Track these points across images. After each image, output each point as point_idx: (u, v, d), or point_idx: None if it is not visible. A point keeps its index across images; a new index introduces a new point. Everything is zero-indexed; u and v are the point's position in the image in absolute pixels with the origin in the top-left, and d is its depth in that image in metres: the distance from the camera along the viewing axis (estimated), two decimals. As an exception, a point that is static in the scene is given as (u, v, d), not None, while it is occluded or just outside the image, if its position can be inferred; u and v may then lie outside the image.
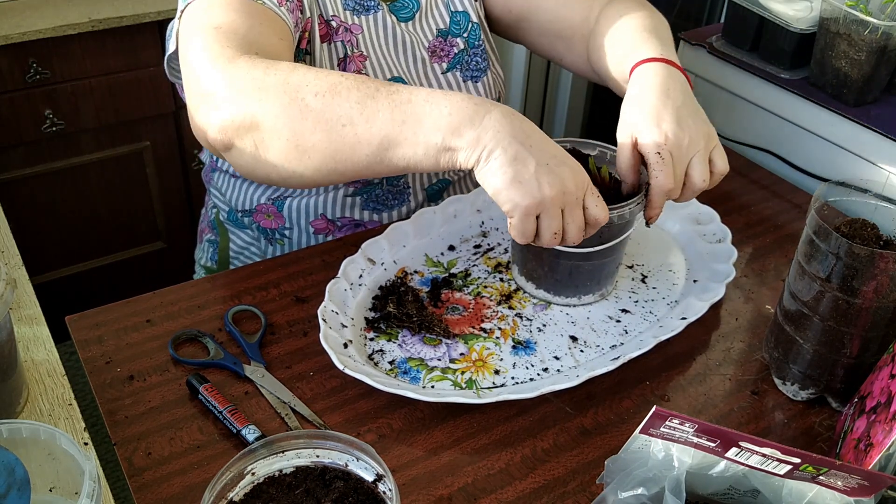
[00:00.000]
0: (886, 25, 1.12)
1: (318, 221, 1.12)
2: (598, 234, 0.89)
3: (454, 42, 1.11)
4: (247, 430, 0.78)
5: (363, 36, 1.05)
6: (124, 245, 2.16)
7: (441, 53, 1.11)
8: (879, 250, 0.75)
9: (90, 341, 0.90)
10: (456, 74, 1.12)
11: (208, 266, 1.27)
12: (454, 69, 1.12)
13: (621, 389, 0.87)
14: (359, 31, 1.05)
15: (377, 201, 1.12)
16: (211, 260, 1.26)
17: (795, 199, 1.21)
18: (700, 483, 0.69)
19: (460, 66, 1.12)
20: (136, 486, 0.75)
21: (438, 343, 0.90)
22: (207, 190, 1.25)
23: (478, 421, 0.83)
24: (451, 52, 1.12)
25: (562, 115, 2.20)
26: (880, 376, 0.76)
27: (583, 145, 1.00)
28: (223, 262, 1.25)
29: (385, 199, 1.12)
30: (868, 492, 0.63)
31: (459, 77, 1.12)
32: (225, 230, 1.23)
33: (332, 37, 1.03)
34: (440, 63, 1.11)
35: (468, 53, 1.12)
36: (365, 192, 1.10)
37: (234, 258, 1.24)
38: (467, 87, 1.13)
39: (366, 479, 0.67)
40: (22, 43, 1.74)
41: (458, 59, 1.12)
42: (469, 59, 1.12)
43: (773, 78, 1.28)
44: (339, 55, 1.04)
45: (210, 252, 1.26)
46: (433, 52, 1.10)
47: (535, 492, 0.76)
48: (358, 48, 1.05)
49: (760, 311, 0.99)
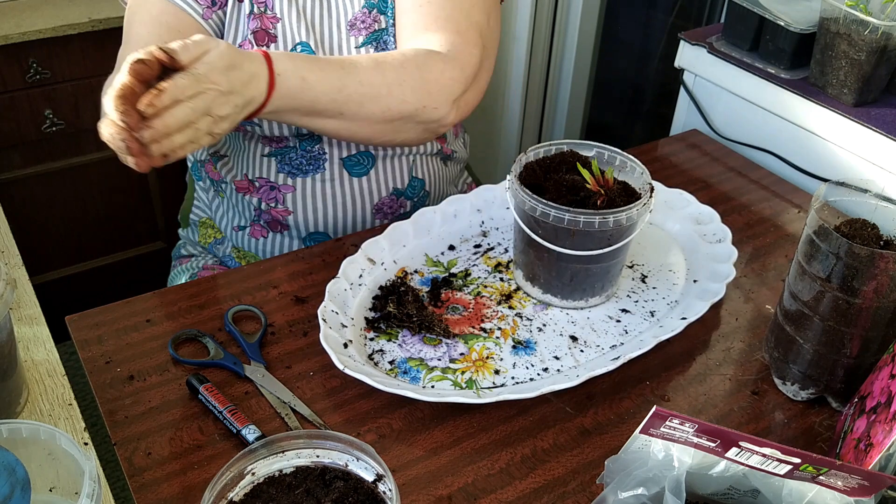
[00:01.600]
0: (886, 25, 1.12)
1: (240, 181, 1.15)
2: (607, 237, 0.89)
3: (378, 18, 1.10)
4: (247, 430, 0.78)
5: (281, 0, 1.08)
6: (124, 245, 2.16)
7: (361, 26, 1.09)
8: (879, 250, 0.75)
9: (90, 341, 0.90)
10: (370, 49, 1.10)
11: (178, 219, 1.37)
12: (369, 45, 1.10)
13: (621, 389, 0.87)
14: None
15: (291, 165, 1.12)
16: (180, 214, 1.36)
17: (795, 199, 1.21)
18: (700, 483, 0.69)
19: (376, 43, 1.10)
20: (136, 486, 0.75)
21: (438, 343, 0.90)
22: None
23: (478, 421, 0.83)
24: (372, 27, 1.10)
25: (562, 115, 2.20)
26: (880, 376, 0.76)
27: (581, 147, 1.00)
28: (185, 215, 1.33)
29: (299, 163, 1.12)
30: (868, 492, 0.63)
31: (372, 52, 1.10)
32: (192, 181, 1.30)
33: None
34: (357, 36, 1.10)
35: (388, 33, 1.10)
36: (279, 154, 1.12)
37: (194, 210, 1.30)
38: None
39: (366, 479, 0.67)
40: (22, 43, 1.74)
41: (376, 35, 1.10)
42: (388, 38, 1.10)
43: (773, 78, 1.28)
44: (246, 12, 1.07)
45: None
46: (353, 25, 1.09)
47: (535, 492, 0.76)
48: (273, 10, 1.07)
49: (760, 311, 0.99)
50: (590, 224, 0.88)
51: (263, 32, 1.07)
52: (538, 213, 0.89)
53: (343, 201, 1.14)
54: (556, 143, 1.00)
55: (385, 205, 1.17)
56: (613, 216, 0.88)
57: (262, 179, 1.14)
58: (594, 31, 2.10)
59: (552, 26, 2.07)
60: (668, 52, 1.59)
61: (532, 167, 0.97)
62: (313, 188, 1.13)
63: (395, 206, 1.18)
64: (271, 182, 1.13)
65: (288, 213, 1.14)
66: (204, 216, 1.28)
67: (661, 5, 2.18)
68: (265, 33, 1.07)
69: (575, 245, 0.90)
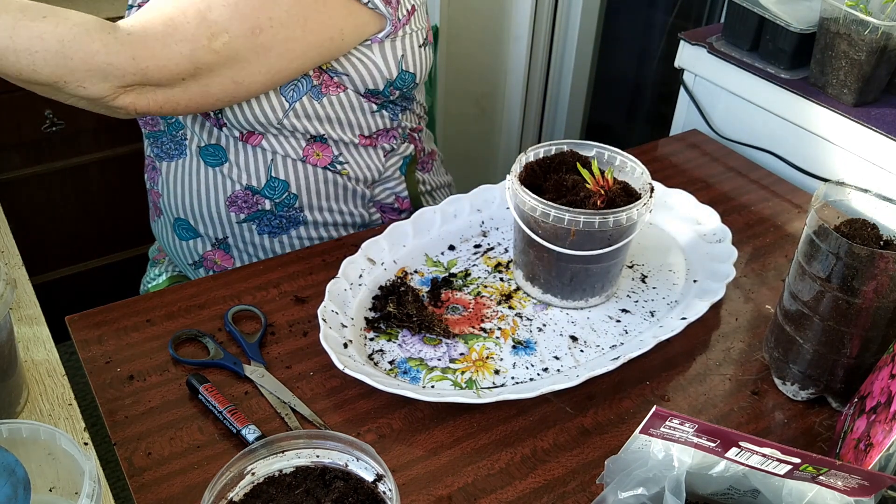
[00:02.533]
0: (886, 25, 1.12)
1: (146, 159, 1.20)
2: (607, 237, 0.89)
3: None
4: (247, 430, 0.78)
5: None
6: (124, 245, 2.16)
7: None
8: (879, 250, 0.75)
9: (90, 341, 0.90)
10: None
11: None
12: None
13: (621, 389, 0.87)
14: None
15: (161, 148, 1.14)
16: None
17: (795, 199, 1.21)
18: (700, 483, 0.69)
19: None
20: (136, 486, 0.75)
21: (438, 343, 0.90)
22: None
23: (478, 421, 0.83)
24: None
25: (562, 115, 2.20)
26: (880, 376, 0.76)
27: (580, 147, 1.00)
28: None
29: (168, 147, 1.14)
30: (868, 492, 0.63)
31: None
32: None
33: None
34: None
35: None
36: (152, 137, 1.15)
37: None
38: None
39: (366, 479, 0.67)
40: (22, 43, 1.73)
41: None
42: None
43: (773, 78, 1.28)
44: None
45: None
46: None
47: (535, 492, 0.76)
48: None
49: (760, 311, 0.99)
50: (590, 224, 0.88)
51: None
52: (538, 213, 0.89)
53: (199, 189, 1.14)
54: (556, 143, 1.00)
55: (239, 198, 1.12)
56: (613, 216, 0.88)
57: (149, 158, 1.18)
58: (594, 31, 2.10)
59: (552, 26, 2.07)
60: (668, 52, 1.59)
61: (532, 167, 0.97)
62: (175, 173, 1.15)
63: (250, 201, 1.13)
64: (151, 163, 1.18)
65: (159, 195, 1.18)
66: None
67: (661, 5, 2.18)
68: None
69: (575, 245, 0.90)
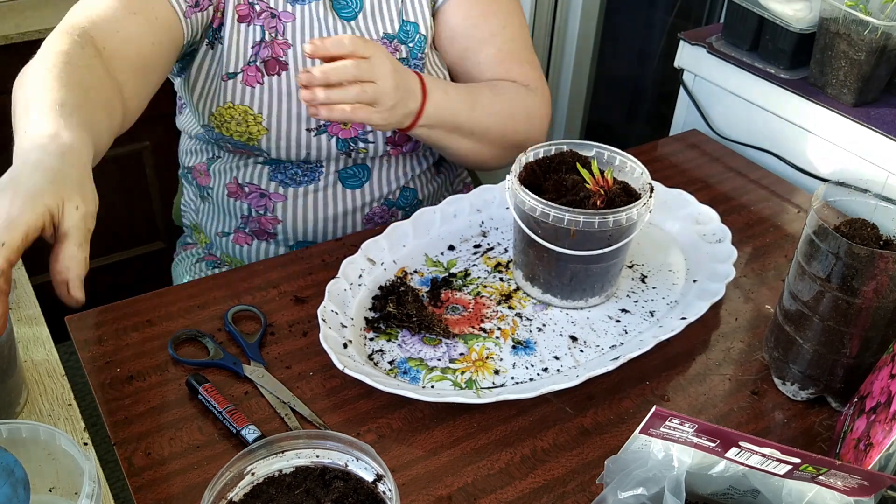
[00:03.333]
0: (886, 25, 1.12)
1: (231, 185, 1.15)
2: (606, 237, 0.89)
3: (398, 47, 1.10)
4: (247, 430, 0.78)
5: (294, 24, 1.06)
6: (124, 245, 2.16)
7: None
8: (879, 250, 0.75)
9: (90, 341, 0.90)
10: None
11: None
12: None
13: (621, 389, 0.87)
14: (290, 18, 1.06)
15: (285, 175, 1.13)
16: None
17: (795, 199, 1.21)
18: (700, 483, 0.69)
19: None
20: (136, 486, 0.75)
21: (438, 343, 0.90)
22: None
23: (478, 421, 0.83)
24: (395, 55, 1.10)
25: (562, 115, 2.21)
26: (880, 376, 0.76)
27: (581, 147, 1.00)
28: (177, 214, 1.34)
29: (294, 174, 1.13)
30: (868, 492, 0.63)
31: None
32: (182, 184, 1.31)
33: (253, 20, 1.05)
34: None
35: (409, 62, 1.11)
36: (274, 163, 1.12)
37: (183, 212, 1.31)
38: None
39: (366, 480, 0.67)
40: (22, 43, 1.73)
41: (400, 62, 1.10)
42: (412, 65, 1.11)
43: (773, 78, 1.28)
44: (256, 38, 1.05)
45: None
46: None
47: (534, 492, 0.76)
48: (283, 35, 1.05)
49: (760, 311, 0.99)
50: (590, 224, 0.88)
51: (274, 61, 1.05)
52: (538, 213, 0.89)
53: (335, 212, 1.14)
54: (556, 143, 1.00)
55: (376, 214, 1.17)
56: (613, 216, 0.88)
57: (253, 186, 1.14)
58: (594, 31, 2.10)
59: (552, 26, 2.08)
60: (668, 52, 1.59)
61: (532, 167, 0.97)
62: (305, 198, 1.13)
63: (385, 215, 1.18)
64: (262, 189, 1.14)
65: (277, 221, 1.15)
66: (193, 221, 1.28)
67: (661, 5, 2.18)
68: (276, 62, 1.05)
69: (575, 245, 0.90)
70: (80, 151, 0.74)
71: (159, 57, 0.97)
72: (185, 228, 1.33)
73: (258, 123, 1.06)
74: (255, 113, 1.06)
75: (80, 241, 0.69)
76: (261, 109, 1.06)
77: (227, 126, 1.07)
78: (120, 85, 0.90)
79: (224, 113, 1.06)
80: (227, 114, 1.06)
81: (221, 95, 1.06)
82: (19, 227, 0.65)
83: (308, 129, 1.08)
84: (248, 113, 1.06)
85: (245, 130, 1.07)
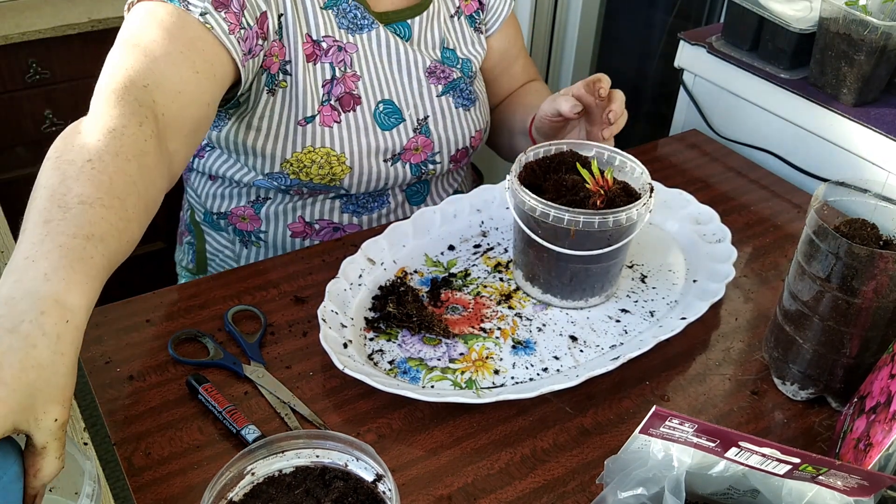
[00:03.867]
0: (886, 25, 1.12)
1: (295, 224, 1.13)
2: (606, 237, 0.89)
3: (451, 70, 1.14)
4: (246, 430, 0.78)
5: (358, 55, 1.05)
6: (124, 245, 2.16)
7: (441, 76, 1.13)
8: (879, 250, 0.75)
9: (90, 341, 0.90)
10: (449, 99, 1.13)
11: (189, 268, 1.27)
12: (448, 94, 1.13)
13: (621, 389, 0.87)
14: (354, 49, 1.05)
15: (357, 204, 1.13)
16: (191, 262, 1.27)
17: (795, 199, 1.21)
18: (700, 483, 0.69)
19: (454, 92, 1.14)
20: (136, 486, 0.75)
21: (438, 343, 0.90)
22: (185, 190, 1.26)
23: (478, 421, 0.83)
24: (450, 76, 1.13)
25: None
26: (880, 376, 0.76)
27: (580, 146, 1.00)
28: (201, 264, 1.25)
29: (365, 202, 1.13)
30: (868, 492, 0.63)
31: (452, 102, 1.14)
32: (201, 231, 1.23)
33: (320, 57, 1.03)
34: (436, 85, 1.12)
35: (464, 81, 1.15)
36: (345, 197, 1.12)
37: (210, 259, 1.24)
38: (458, 114, 1.14)
39: (365, 479, 0.67)
40: (22, 43, 1.74)
41: (453, 84, 1.14)
42: (464, 86, 1.15)
43: (773, 78, 1.28)
44: (326, 76, 1.04)
45: (190, 254, 1.27)
46: (431, 73, 1.12)
47: (534, 492, 0.76)
48: (351, 67, 1.05)
49: (760, 311, 0.99)
50: (589, 224, 0.88)
51: (349, 97, 1.05)
52: (538, 213, 0.89)
53: None
54: (556, 143, 1.00)
55: None
56: (613, 216, 0.88)
57: (324, 221, 1.13)
58: (594, 31, 2.10)
59: (552, 26, 2.07)
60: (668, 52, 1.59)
61: (532, 167, 0.97)
62: (378, 222, 1.15)
63: None
64: (334, 223, 1.13)
65: None
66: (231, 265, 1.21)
67: (661, 5, 2.18)
68: (350, 97, 1.05)
69: (574, 245, 0.90)
70: (80, 325, 0.61)
71: (210, 117, 0.90)
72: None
73: (342, 164, 1.05)
74: (338, 153, 1.04)
75: (59, 452, 0.58)
76: (342, 149, 1.04)
77: (306, 171, 1.04)
78: (171, 155, 0.82)
79: (303, 158, 1.04)
80: (306, 159, 1.04)
81: (298, 141, 1.03)
82: None
83: (385, 159, 1.08)
84: (331, 154, 1.04)
85: (328, 172, 1.05)
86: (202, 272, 1.25)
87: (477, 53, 1.19)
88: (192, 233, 1.25)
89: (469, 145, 1.17)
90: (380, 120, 1.07)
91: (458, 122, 1.14)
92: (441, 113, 1.12)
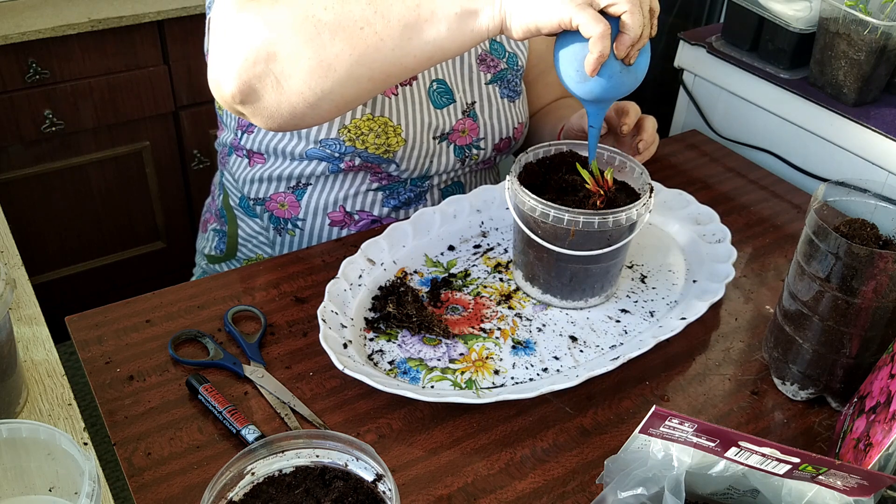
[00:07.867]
0: (886, 25, 1.12)
1: (335, 213, 1.13)
2: (606, 237, 0.89)
3: (499, 61, 1.16)
4: (246, 430, 0.78)
5: None
6: (124, 245, 2.16)
7: (490, 64, 1.15)
8: (879, 250, 0.75)
9: (90, 341, 0.90)
10: (496, 88, 1.15)
11: (212, 255, 1.27)
12: (496, 83, 1.15)
13: (621, 389, 0.87)
14: None
15: (398, 199, 1.14)
16: (216, 249, 1.27)
17: (795, 199, 1.21)
18: (700, 483, 0.69)
19: (500, 82, 1.16)
20: (136, 486, 0.75)
21: (438, 343, 0.91)
22: (220, 173, 1.26)
23: (477, 421, 0.83)
24: (498, 66, 1.16)
25: (561, 115, 2.21)
26: (880, 376, 0.76)
27: (580, 147, 1.00)
28: (231, 250, 1.25)
29: (407, 197, 1.14)
30: (867, 491, 0.63)
31: (498, 92, 1.16)
32: (234, 217, 1.23)
33: None
34: (486, 73, 1.14)
35: (510, 72, 1.17)
36: (388, 189, 1.12)
37: (241, 245, 1.24)
38: (503, 104, 1.16)
39: (365, 479, 0.67)
40: (22, 43, 1.74)
41: (501, 74, 1.16)
42: (511, 77, 1.17)
43: (773, 78, 1.28)
44: None
45: (215, 241, 1.27)
46: (482, 61, 1.14)
47: (534, 492, 0.76)
48: None
49: (760, 311, 0.99)
50: (589, 224, 0.88)
51: None
52: (538, 213, 0.89)
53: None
54: (556, 144, 1.00)
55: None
56: (613, 216, 0.88)
57: (364, 213, 1.13)
58: (594, 31, 2.10)
59: (552, 26, 2.07)
60: (668, 52, 1.59)
61: (532, 167, 0.97)
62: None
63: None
64: (374, 216, 1.14)
65: None
66: (260, 253, 1.22)
67: (661, 5, 2.18)
68: None
69: (574, 245, 0.90)
70: None
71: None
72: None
73: (398, 135, 1.06)
74: (395, 124, 1.06)
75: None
76: (399, 120, 1.06)
77: (363, 138, 1.05)
78: None
79: (362, 125, 1.04)
80: (364, 126, 1.04)
81: (359, 107, 1.04)
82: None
83: (434, 136, 1.10)
84: (389, 125, 1.05)
85: (384, 142, 1.06)
86: (231, 257, 1.26)
87: (522, 50, 1.21)
88: (222, 218, 1.26)
89: (512, 136, 1.18)
90: (433, 98, 1.09)
91: (503, 111, 1.16)
92: (488, 100, 1.14)
